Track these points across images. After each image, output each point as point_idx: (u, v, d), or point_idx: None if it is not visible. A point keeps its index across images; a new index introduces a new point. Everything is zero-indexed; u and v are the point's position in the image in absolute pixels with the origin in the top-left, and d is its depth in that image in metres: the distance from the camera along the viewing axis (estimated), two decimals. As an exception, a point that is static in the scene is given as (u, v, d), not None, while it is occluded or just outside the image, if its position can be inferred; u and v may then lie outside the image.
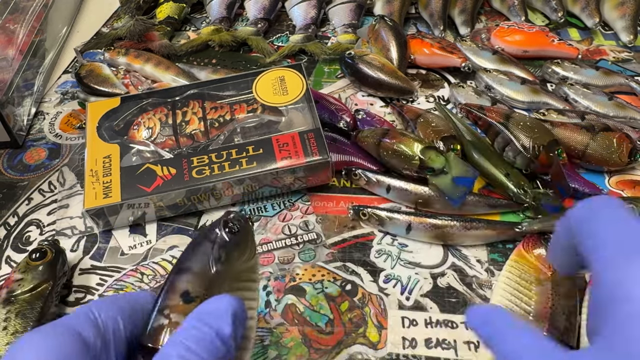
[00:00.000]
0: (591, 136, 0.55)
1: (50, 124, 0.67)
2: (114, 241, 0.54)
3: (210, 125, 0.57)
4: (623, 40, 0.75)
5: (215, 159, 0.53)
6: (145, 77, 0.73)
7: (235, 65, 0.75)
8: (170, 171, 0.53)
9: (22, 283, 0.45)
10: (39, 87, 0.70)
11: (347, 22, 0.79)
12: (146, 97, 0.59)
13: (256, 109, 0.58)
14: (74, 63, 0.76)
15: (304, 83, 0.59)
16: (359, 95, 0.69)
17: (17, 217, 0.56)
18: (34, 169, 0.61)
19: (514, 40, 0.73)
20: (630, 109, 0.61)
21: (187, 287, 0.32)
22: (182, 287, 0.32)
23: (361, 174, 0.56)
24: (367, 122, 0.62)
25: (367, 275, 0.49)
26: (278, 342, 0.45)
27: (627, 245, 0.25)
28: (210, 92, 0.60)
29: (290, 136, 0.55)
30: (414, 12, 0.84)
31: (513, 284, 0.46)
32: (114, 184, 0.52)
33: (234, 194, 0.54)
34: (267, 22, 0.80)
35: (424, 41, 0.72)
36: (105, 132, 0.56)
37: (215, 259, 0.33)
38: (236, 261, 0.34)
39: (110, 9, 0.86)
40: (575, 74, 0.68)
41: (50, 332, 0.27)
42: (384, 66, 0.67)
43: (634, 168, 0.58)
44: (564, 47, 0.72)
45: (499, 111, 0.59)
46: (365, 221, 0.53)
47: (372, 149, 0.57)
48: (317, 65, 0.74)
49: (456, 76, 0.71)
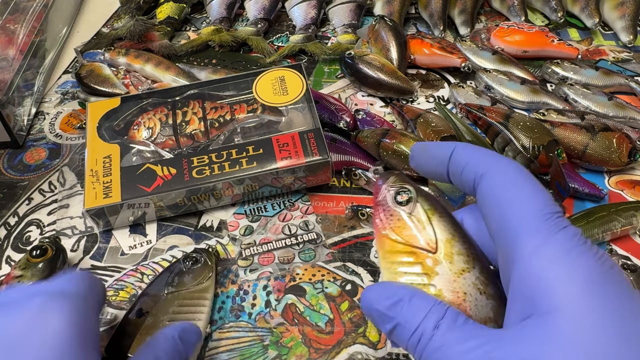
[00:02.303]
0: (591, 136, 0.55)
1: (51, 124, 0.67)
2: (114, 241, 0.54)
3: (210, 125, 0.57)
4: (623, 40, 0.75)
5: (215, 159, 0.53)
6: (145, 77, 0.73)
7: (235, 65, 0.75)
8: (170, 171, 0.53)
9: (21, 280, 0.45)
10: (39, 87, 0.70)
11: (347, 22, 0.79)
12: (146, 97, 0.60)
13: (256, 109, 0.58)
14: (74, 63, 0.76)
15: (304, 83, 0.59)
16: (359, 95, 0.69)
17: (17, 217, 0.56)
18: (34, 169, 0.61)
19: (514, 41, 0.73)
20: (630, 109, 0.62)
21: (142, 305, 0.44)
22: (139, 305, 0.44)
23: (361, 174, 0.56)
24: (367, 122, 0.62)
25: (367, 275, 0.50)
26: (278, 342, 0.45)
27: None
28: (210, 92, 0.60)
29: (290, 136, 0.55)
30: (414, 12, 0.84)
31: None
32: (114, 184, 0.52)
33: (234, 194, 0.54)
34: (267, 22, 0.80)
35: (424, 41, 0.72)
36: (105, 132, 0.56)
37: (168, 284, 0.45)
38: (188, 285, 0.45)
39: (110, 9, 0.86)
40: (575, 74, 0.68)
41: None
42: (384, 66, 0.67)
43: (633, 168, 0.58)
44: (563, 47, 0.72)
45: (498, 111, 0.59)
46: (364, 221, 0.53)
47: (372, 149, 0.57)
48: (317, 65, 0.74)
49: (456, 76, 0.72)
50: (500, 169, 0.28)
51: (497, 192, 0.28)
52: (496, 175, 0.28)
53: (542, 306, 0.24)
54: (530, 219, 0.26)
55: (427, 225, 0.30)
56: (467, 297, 0.28)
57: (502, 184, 0.28)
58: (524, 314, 0.25)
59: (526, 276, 0.25)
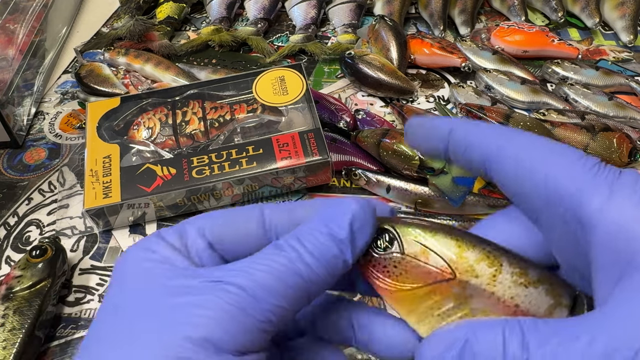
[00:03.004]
0: (591, 136, 0.55)
1: (50, 124, 0.67)
2: (114, 241, 0.54)
3: (210, 125, 0.57)
4: (623, 40, 0.75)
5: (215, 159, 0.53)
6: (145, 77, 0.73)
7: (235, 65, 0.75)
8: (170, 171, 0.53)
9: (21, 280, 0.45)
10: (39, 87, 0.70)
11: (347, 22, 0.79)
12: (146, 97, 0.59)
13: (256, 109, 0.58)
14: (74, 63, 0.76)
15: (304, 83, 0.59)
16: (359, 95, 0.69)
17: (17, 217, 0.56)
18: (34, 169, 0.61)
19: (514, 40, 0.73)
20: (630, 109, 0.61)
21: None
22: None
23: (361, 174, 0.56)
24: (367, 122, 0.62)
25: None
26: (278, 342, 0.45)
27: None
28: (210, 92, 0.60)
29: (290, 136, 0.55)
30: (414, 12, 0.84)
31: None
32: (114, 184, 0.52)
33: (234, 194, 0.54)
34: (267, 22, 0.80)
35: (424, 41, 0.72)
36: (105, 132, 0.56)
37: None
38: None
39: (110, 9, 0.86)
40: (575, 74, 0.68)
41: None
42: (384, 66, 0.67)
43: (634, 168, 0.58)
44: (564, 47, 0.72)
45: (499, 111, 0.59)
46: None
47: (372, 149, 0.57)
48: (317, 65, 0.74)
49: (456, 76, 0.71)
50: (514, 141, 0.25)
51: (526, 164, 0.24)
52: (512, 148, 0.24)
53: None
54: (580, 175, 0.22)
55: (428, 253, 0.25)
56: (517, 299, 0.24)
57: (526, 154, 0.24)
58: (617, 276, 0.21)
59: (608, 234, 0.21)
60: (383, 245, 0.26)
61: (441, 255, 0.25)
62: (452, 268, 0.25)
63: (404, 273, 0.26)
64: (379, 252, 0.26)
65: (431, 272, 0.25)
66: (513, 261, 0.25)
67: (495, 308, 0.24)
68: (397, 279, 0.26)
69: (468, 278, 0.24)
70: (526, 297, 0.24)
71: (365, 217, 0.25)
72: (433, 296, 0.25)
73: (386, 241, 0.26)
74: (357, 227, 0.25)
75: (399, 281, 0.26)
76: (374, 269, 0.26)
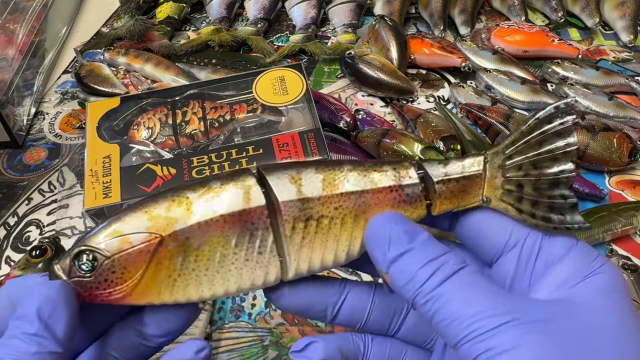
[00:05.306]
0: (591, 136, 0.55)
1: (50, 124, 0.67)
2: (113, 241, 0.53)
3: (210, 125, 0.57)
4: (623, 40, 0.75)
5: (215, 159, 0.53)
6: (145, 77, 0.73)
7: (235, 65, 0.75)
8: (170, 171, 0.53)
9: (21, 282, 0.45)
10: (39, 87, 0.70)
11: (347, 22, 0.79)
12: (146, 97, 0.59)
13: (256, 109, 0.58)
14: (74, 63, 0.76)
15: (304, 83, 0.59)
16: (359, 95, 0.69)
17: (17, 217, 0.56)
18: (34, 169, 0.61)
19: (514, 40, 0.73)
20: (630, 109, 0.61)
21: None
22: None
23: (361, 174, 0.56)
24: (367, 122, 0.62)
25: (367, 275, 0.49)
26: (278, 342, 0.45)
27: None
28: (210, 92, 0.60)
29: (290, 136, 0.55)
30: (414, 12, 0.84)
31: None
32: (113, 184, 0.52)
33: (233, 194, 0.54)
34: (267, 22, 0.80)
35: (424, 41, 0.72)
36: (105, 132, 0.56)
37: None
38: None
39: (110, 9, 0.86)
40: (575, 74, 0.68)
41: None
42: (384, 66, 0.67)
43: (634, 168, 0.58)
44: (564, 47, 0.72)
45: (499, 111, 0.59)
46: None
47: (372, 149, 0.57)
48: (317, 65, 0.74)
49: (456, 76, 0.71)
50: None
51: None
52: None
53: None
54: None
55: (127, 238, 0.25)
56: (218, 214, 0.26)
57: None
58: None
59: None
60: (88, 266, 0.25)
61: (137, 231, 0.25)
62: (153, 233, 0.25)
63: (124, 270, 0.25)
64: (92, 274, 0.25)
65: (142, 249, 0.25)
66: (192, 190, 0.26)
67: (206, 235, 0.25)
68: (123, 279, 0.25)
69: (172, 228, 0.25)
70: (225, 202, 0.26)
71: (55, 298, 0.24)
72: (162, 265, 0.25)
73: (89, 261, 0.25)
74: (48, 315, 0.24)
75: (126, 280, 0.25)
76: (98, 290, 0.25)
